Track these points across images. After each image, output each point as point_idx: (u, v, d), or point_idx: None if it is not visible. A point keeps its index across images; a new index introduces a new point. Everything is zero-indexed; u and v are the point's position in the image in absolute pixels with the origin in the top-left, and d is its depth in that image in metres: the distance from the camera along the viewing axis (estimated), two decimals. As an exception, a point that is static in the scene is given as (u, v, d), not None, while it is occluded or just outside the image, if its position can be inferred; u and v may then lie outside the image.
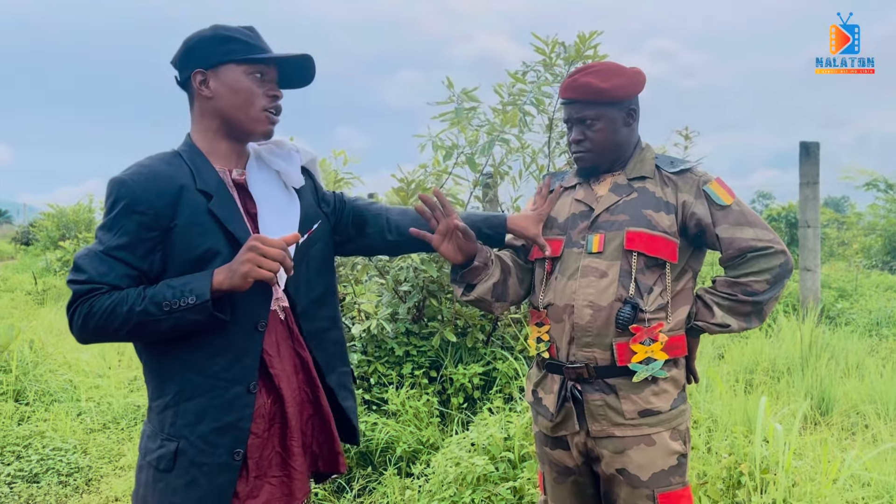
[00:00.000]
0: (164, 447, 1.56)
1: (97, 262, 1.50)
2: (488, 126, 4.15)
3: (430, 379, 4.14)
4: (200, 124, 1.67)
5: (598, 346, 1.89)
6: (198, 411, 1.56)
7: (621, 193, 1.97)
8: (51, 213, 15.49)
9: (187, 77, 1.65)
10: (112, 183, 1.54)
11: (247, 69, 1.63)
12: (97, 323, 1.48)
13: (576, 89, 1.94)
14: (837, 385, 4.65)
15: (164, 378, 1.59)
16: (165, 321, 1.48)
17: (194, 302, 1.47)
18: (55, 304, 9.67)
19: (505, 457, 3.00)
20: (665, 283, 1.90)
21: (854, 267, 10.56)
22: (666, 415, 1.89)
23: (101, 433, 4.59)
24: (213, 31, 1.64)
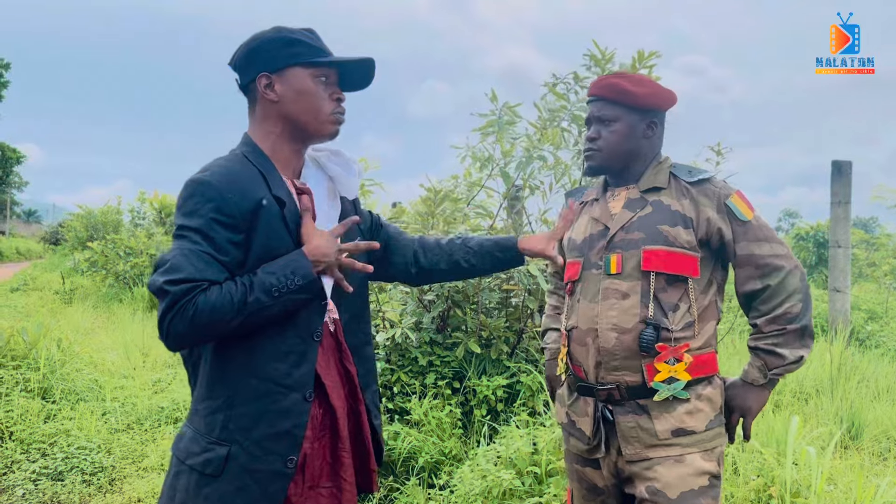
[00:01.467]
0: (213, 451, 1.51)
1: (194, 260, 1.45)
2: (526, 141, 4.15)
3: (454, 390, 4.12)
4: (262, 127, 1.64)
5: (628, 368, 1.85)
6: (253, 416, 1.53)
7: (635, 209, 1.93)
8: (79, 213, 15.73)
9: (250, 80, 1.62)
10: (196, 183, 1.49)
11: (313, 72, 1.61)
12: (208, 318, 1.42)
13: (602, 87, 1.94)
14: (868, 409, 4.55)
15: (217, 381, 1.55)
16: (274, 306, 1.48)
17: (301, 283, 1.50)
18: (82, 304, 9.80)
19: (531, 471, 2.97)
20: (690, 299, 1.86)
21: (884, 289, 10.38)
22: (700, 435, 1.83)
23: (125, 433, 4.62)
24: (276, 34, 1.61)
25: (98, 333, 7.79)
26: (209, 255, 1.46)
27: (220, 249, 1.48)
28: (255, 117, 1.65)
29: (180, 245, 1.47)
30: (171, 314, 1.42)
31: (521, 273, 4.07)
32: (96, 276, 11.57)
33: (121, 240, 11.69)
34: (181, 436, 1.58)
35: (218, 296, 1.43)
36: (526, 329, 4.35)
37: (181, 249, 1.46)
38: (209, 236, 1.47)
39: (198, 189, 1.49)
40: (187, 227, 1.48)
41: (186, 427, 1.58)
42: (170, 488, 1.56)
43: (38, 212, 50.75)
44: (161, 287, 1.42)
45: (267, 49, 1.60)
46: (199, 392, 1.58)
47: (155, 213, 14.56)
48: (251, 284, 1.47)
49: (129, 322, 8.25)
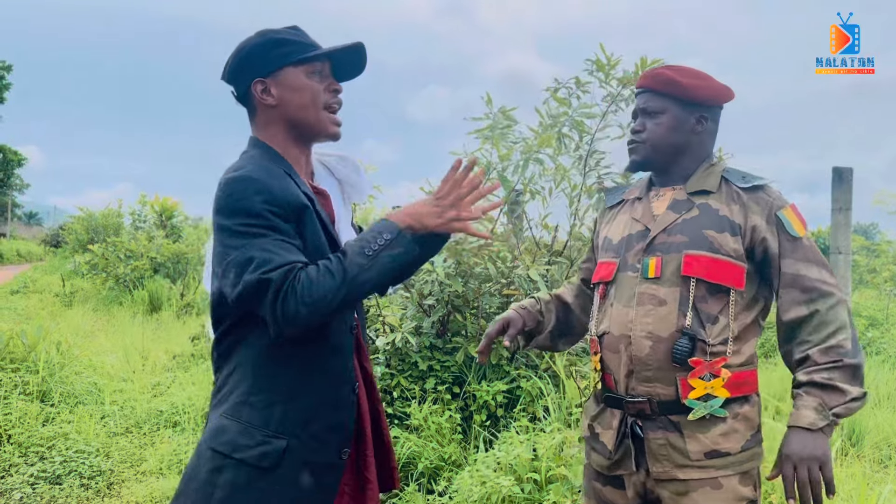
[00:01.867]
0: (270, 444, 1.48)
1: (275, 248, 1.42)
2: (523, 145, 4.15)
3: (454, 395, 4.11)
4: (266, 133, 1.62)
5: (661, 380, 1.72)
6: (312, 409, 1.52)
7: (680, 210, 1.80)
8: (80, 216, 15.73)
9: (246, 88, 1.61)
10: (238, 180, 1.45)
11: (306, 69, 1.60)
12: (317, 293, 1.39)
13: (651, 77, 1.84)
14: (868, 416, 4.54)
15: (275, 374, 1.51)
16: (373, 268, 1.45)
17: (390, 237, 1.47)
18: (82, 307, 9.80)
19: (531, 478, 2.96)
20: (732, 312, 1.71)
21: (885, 295, 10.37)
22: (735, 457, 1.68)
23: (123, 437, 4.61)
24: (262, 38, 1.60)
25: (98, 336, 7.78)
26: (284, 242, 1.44)
27: (289, 235, 1.46)
28: (257, 125, 1.64)
29: (249, 242, 1.42)
30: (280, 298, 1.38)
31: (522, 278, 4.07)
32: (97, 279, 11.57)
33: (121, 243, 11.69)
34: (221, 429, 1.51)
35: (317, 272, 1.41)
36: (526, 334, 4.34)
37: (254, 245, 1.42)
38: (272, 226, 1.44)
39: (241, 185, 1.45)
40: (246, 224, 1.43)
41: (228, 420, 1.51)
42: (206, 484, 1.48)
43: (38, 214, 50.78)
44: (259, 279, 1.38)
45: (256, 54, 1.59)
46: (249, 384, 1.52)
47: (156, 216, 14.55)
48: (344, 254, 1.45)
49: (129, 325, 8.24)
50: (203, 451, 1.52)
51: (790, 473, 1.58)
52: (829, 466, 1.58)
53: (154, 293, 9.88)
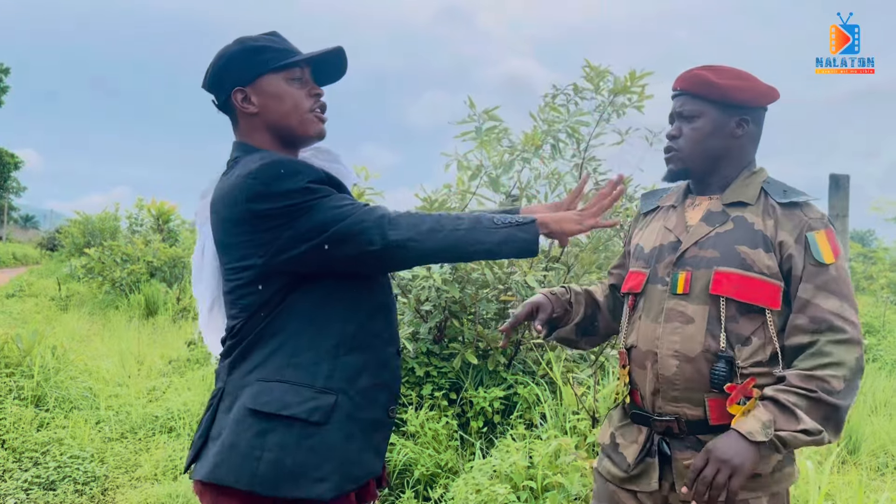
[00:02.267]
0: (318, 399, 1.48)
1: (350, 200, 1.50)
2: (513, 148, 4.16)
3: (450, 401, 4.09)
4: (253, 138, 1.62)
5: (688, 401, 1.64)
6: (358, 366, 1.54)
7: (714, 223, 1.70)
8: (77, 220, 15.71)
9: (226, 98, 1.61)
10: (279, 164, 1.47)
11: (286, 75, 1.59)
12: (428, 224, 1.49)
13: (686, 79, 1.74)
14: (865, 423, 4.54)
15: (319, 332, 1.52)
16: (496, 233, 1.50)
17: (525, 221, 1.53)
18: (78, 311, 9.77)
19: (527, 486, 2.95)
20: (767, 333, 1.62)
21: (881, 302, 10.38)
22: (765, 479, 1.60)
23: (118, 442, 4.59)
24: (240, 46, 1.60)
25: (93, 341, 7.75)
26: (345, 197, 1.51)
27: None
28: (241, 131, 1.64)
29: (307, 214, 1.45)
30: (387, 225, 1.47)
31: (519, 284, 4.06)
32: (93, 283, 11.54)
33: (118, 246, 11.66)
34: (263, 390, 1.48)
35: (416, 214, 1.49)
36: (523, 340, 4.33)
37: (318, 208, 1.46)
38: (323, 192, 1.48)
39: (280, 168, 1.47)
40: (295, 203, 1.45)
41: (267, 382, 1.49)
42: (253, 449, 1.44)
43: (35, 217, 50.68)
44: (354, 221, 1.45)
45: (235, 63, 1.59)
46: (291, 349, 1.51)
47: (153, 219, 14.53)
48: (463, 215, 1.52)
49: (125, 329, 8.22)
50: (241, 416, 1.48)
51: (700, 465, 1.53)
52: (740, 480, 1.49)
53: (150, 297, 9.86)
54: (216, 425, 1.53)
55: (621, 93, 4.09)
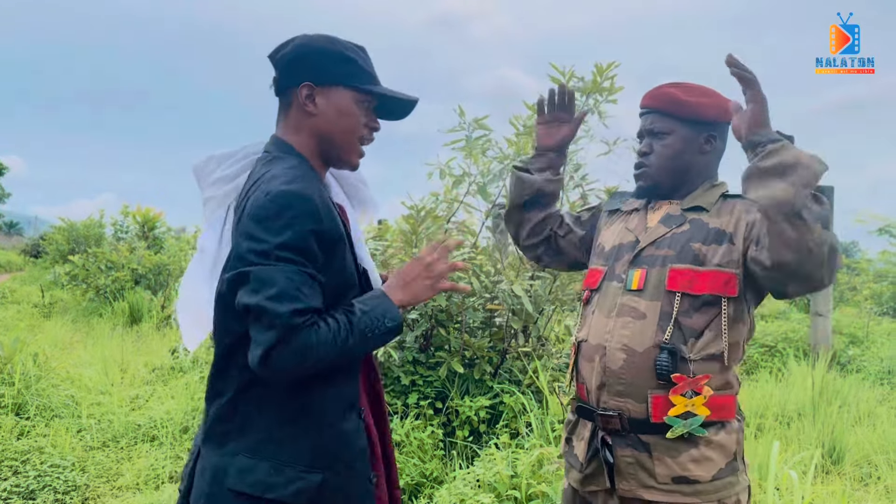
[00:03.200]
0: (304, 479, 1.41)
1: (305, 286, 1.35)
2: (500, 154, 4.16)
3: (436, 410, 4.08)
4: (297, 138, 1.56)
5: (632, 396, 1.68)
6: (339, 438, 1.47)
7: (671, 225, 1.78)
8: (62, 226, 15.58)
9: (291, 85, 1.55)
10: (292, 195, 1.37)
11: (357, 96, 1.55)
12: (314, 358, 1.34)
13: (655, 97, 1.80)
14: (849, 433, 4.56)
15: (301, 407, 1.44)
16: (363, 348, 1.43)
17: (392, 325, 1.45)
18: (61, 318, 9.68)
19: (511, 495, 2.94)
20: (717, 328, 1.67)
21: (865, 313, 10.46)
22: (706, 486, 1.64)
23: (100, 451, 4.53)
24: (331, 46, 1.55)
25: (76, 348, 7.68)
26: (313, 279, 1.37)
27: (319, 269, 1.40)
28: (288, 123, 1.57)
29: (284, 268, 1.34)
30: (283, 348, 1.31)
31: (506, 293, 4.06)
32: (76, 290, 11.43)
33: (102, 253, 11.57)
34: (245, 469, 1.40)
35: (326, 335, 1.35)
36: (510, 349, 4.33)
37: (286, 272, 1.34)
38: (311, 253, 1.38)
39: (295, 202, 1.37)
40: (287, 246, 1.35)
41: (250, 459, 1.41)
42: None
43: (19, 224, 50.31)
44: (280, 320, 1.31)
45: (318, 60, 1.53)
46: (270, 419, 1.43)
47: (138, 226, 14.45)
48: (351, 325, 1.40)
49: (109, 337, 8.14)
50: (220, 496, 1.41)
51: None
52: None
53: (134, 305, 9.77)
54: (195, 488, 1.47)
55: (592, 91, 4.11)
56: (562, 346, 4.56)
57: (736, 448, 1.71)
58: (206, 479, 1.44)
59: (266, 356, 1.31)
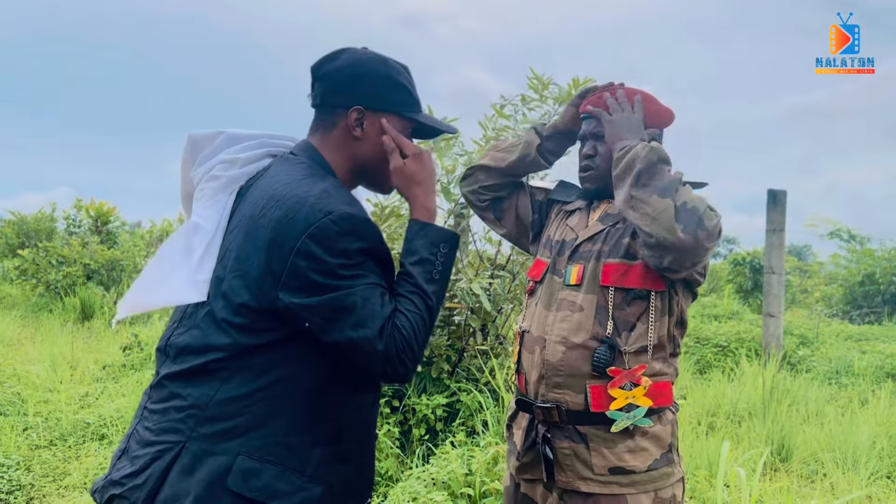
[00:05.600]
0: (308, 490, 1.35)
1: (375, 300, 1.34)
2: (466, 157, 4.15)
3: (393, 408, 4.06)
4: (334, 158, 1.51)
5: (570, 388, 1.73)
6: (346, 454, 1.43)
7: (608, 222, 1.84)
8: (11, 219, 15.13)
9: (338, 105, 1.50)
10: (355, 219, 1.34)
11: (405, 125, 1.53)
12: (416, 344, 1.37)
13: (596, 105, 1.86)
14: (797, 432, 4.67)
15: (319, 414, 1.39)
16: (445, 284, 1.45)
17: (448, 248, 1.46)
18: (9, 314, 9.40)
19: (465, 493, 2.94)
20: (649, 319, 1.73)
21: (815, 315, 10.74)
22: (641, 475, 1.69)
23: (46, 450, 4.41)
24: (386, 69, 1.52)
25: (24, 345, 7.46)
26: (378, 286, 1.37)
27: (380, 277, 1.39)
28: (327, 139, 1.52)
29: (350, 284, 1.32)
30: (390, 369, 1.35)
31: (464, 291, 4.06)
32: (26, 285, 11.11)
33: (53, 248, 11.26)
34: (250, 471, 1.33)
35: (409, 322, 1.37)
36: (468, 347, 4.33)
37: (356, 289, 1.33)
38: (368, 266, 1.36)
39: (357, 226, 1.34)
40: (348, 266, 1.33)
41: (255, 461, 1.34)
42: None
43: (-33, 217, 48.74)
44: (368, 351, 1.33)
45: (375, 85, 1.50)
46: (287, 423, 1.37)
47: (91, 220, 14.10)
48: (417, 287, 1.41)
49: (59, 334, 7.93)
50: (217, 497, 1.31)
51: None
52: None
53: (86, 301, 9.54)
54: (169, 488, 1.32)
55: (565, 101, 4.14)
56: (519, 345, 4.57)
57: (671, 440, 1.76)
58: (194, 479, 1.32)
59: (384, 378, 1.38)
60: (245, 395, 1.35)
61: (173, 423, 1.37)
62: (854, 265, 12.50)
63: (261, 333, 1.35)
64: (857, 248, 13.05)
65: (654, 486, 1.70)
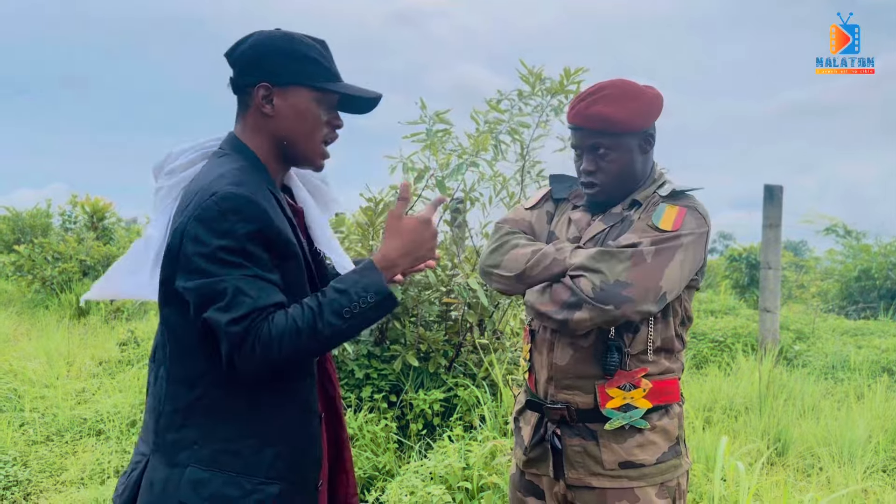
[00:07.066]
0: (262, 491, 1.37)
1: (249, 288, 1.31)
2: (460, 151, 4.15)
3: (390, 403, 4.06)
4: (253, 140, 1.51)
5: (580, 388, 1.74)
6: (298, 447, 1.45)
7: (609, 222, 1.81)
8: (6, 215, 15.08)
9: (248, 85, 1.49)
10: (236, 198, 1.34)
11: (318, 96, 1.50)
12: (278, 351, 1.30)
13: (588, 118, 1.75)
14: (794, 426, 4.68)
15: (260, 414, 1.41)
16: (348, 331, 1.36)
17: (377, 299, 1.37)
18: (5, 310, 9.38)
19: (463, 486, 2.94)
20: (650, 322, 1.72)
21: (811, 310, 10.75)
22: (650, 468, 1.71)
23: (43, 445, 4.41)
24: (289, 44, 1.48)
25: (20, 341, 7.45)
26: (260, 278, 1.33)
27: (266, 268, 1.35)
28: (245, 123, 1.52)
29: (228, 272, 1.31)
30: (237, 355, 1.30)
31: (461, 287, 4.05)
32: (22, 281, 11.08)
33: (49, 244, 11.23)
34: (198, 482, 1.35)
35: (284, 325, 1.31)
36: (465, 343, 4.33)
37: (231, 278, 1.31)
38: (250, 254, 1.33)
39: (239, 205, 1.33)
40: (229, 249, 1.32)
41: (203, 471, 1.36)
42: None
43: (-38, 213, 48.62)
44: (222, 326, 1.29)
45: (276, 59, 1.47)
46: (231, 430, 1.39)
47: (87, 216, 14.06)
48: (320, 307, 1.34)
49: (55, 329, 7.91)
50: None
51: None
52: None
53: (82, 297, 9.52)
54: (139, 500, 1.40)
55: (558, 92, 4.13)
56: (517, 340, 4.57)
57: (679, 433, 1.78)
58: (154, 493, 1.37)
59: (230, 364, 1.32)
60: (188, 406, 1.39)
61: (145, 433, 1.47)
62: (850, 260, 12.51)
63: (186, 333, 1.39)
64: (853, 244, 13.06)
65: (661, 479, 1.72)
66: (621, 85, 1.77)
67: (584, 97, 1.77)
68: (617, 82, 1.78)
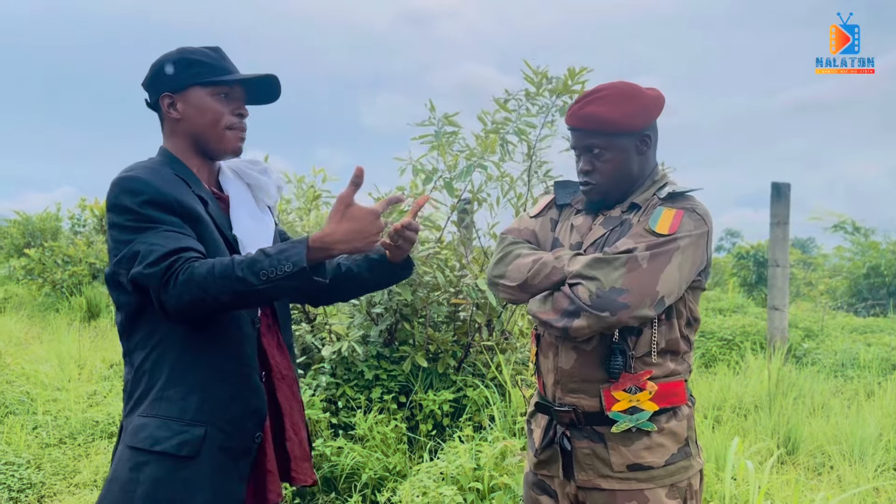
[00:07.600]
0: (188, 432, 1.54)
1: (160, 239, 1.50)
2: (468, 152, 4.16)
3: (400, 404, 4.08)
4: (172, 143, 1.72)
5: (585, 392, 1.76)
6: (227, 396, 1.59)
7: (609, 226, 1.81)
8: (16, 220, 15.17)
9: (156, 100, 1.72)
10: (124, 180, 1.55)
11: (212, 91, 1.69)
12: (196, 291, 1.44)
13: (582, 119, 1.76)
14: (804, 425, 4.67)
15: (189, 365, 1.57)
16: (263, 291, 1.46)
17: (290, 270, 1.44)
18: (16, 314, 9.44)
19: (474, 487, 2.95)
20: (654, 325, 1.72)
21: (820, 308, 10.72)
22: (659, 471, 1.72)
23: (56, 448, 4.44)
24: (179, 55, 1.70)
25: (32, 344, 7.50)
26: (171, 232, 1.51)
27: (178, 226, 1.54)
28: (165, 133, 1.74)
29: (136, 236, 1.51)
30: (163, 293, 1.46)
31: (470, 287, 4.07)
32: (32, 285, 11.15)
33: (59, 247, 11.30)
34: (139, 427, 1.56)
35: (202, 267, 1.45)
36: (473, 343, 4.34)
37: (140, 239, 1.50)
38: (153, 218, 1.52)
39: (127, 184, 1.54)
40: (133, 219, 1.52)
41: (144, 418, 1.56)
42: (128, 482, 1.53)
43: (-28, 217, 48.84)
44: (142, 273, 1.47)
45: (169, 70, 1.69)
46: (164, 380, 1.57)
47: (96, 220, 14.12)
48: (242, 262, 1.46)
49: (66, 332, 7.96)
50: (122, 452, 1.57)
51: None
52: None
53: (92, 300, 9.57)
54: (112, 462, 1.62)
55: (563, 93, 4.13)
56: (525, 340, 4.58)
57: (688, 434, 1.77)
58: (117, 444, 1.63)
59: (161, 307, 1.48)
60: (138, 366, 1.60)
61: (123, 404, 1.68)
62: (858, 257, 12.47)
63: (128, 308, 1.59)
64: (861, 241, 13.01)
65: (671, 480, 1.72)
66: (620, 86, 1.77)
67: (581, 98, 1.79)
68: (616, 84, 1.78)
